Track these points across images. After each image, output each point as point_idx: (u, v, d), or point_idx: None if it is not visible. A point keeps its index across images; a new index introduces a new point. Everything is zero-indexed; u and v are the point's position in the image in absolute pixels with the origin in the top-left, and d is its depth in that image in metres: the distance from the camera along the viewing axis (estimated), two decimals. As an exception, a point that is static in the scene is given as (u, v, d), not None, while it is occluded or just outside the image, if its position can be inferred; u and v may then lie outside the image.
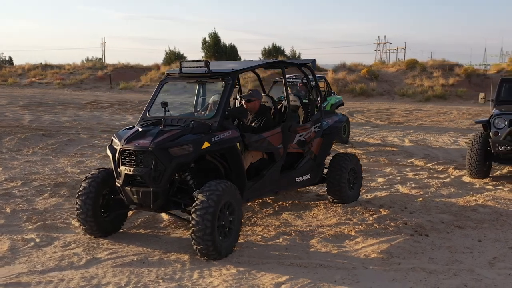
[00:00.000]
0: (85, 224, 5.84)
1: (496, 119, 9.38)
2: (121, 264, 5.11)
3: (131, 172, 5.45)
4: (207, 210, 5.06)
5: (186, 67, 6.22)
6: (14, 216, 6.77)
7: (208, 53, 40.57)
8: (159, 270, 4.98)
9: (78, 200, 5.82)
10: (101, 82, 36.28)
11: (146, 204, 5.54)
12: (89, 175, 5.96)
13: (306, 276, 4.86)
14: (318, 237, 6.03)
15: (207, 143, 5.45)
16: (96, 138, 14.36)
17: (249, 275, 4.88)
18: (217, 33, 40.87)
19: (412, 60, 33.28)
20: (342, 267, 5.11)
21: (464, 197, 8.14)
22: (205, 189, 5.21)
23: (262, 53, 45.57)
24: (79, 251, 5.50)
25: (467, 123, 19.77)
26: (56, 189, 8.28)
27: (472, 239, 6.04)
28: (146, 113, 6.30)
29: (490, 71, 32.95)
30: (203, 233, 5.05)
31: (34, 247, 5.65)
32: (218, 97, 6.88)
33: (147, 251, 5.52)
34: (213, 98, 6.94)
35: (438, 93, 28.31)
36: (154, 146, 5.32)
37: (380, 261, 5.28)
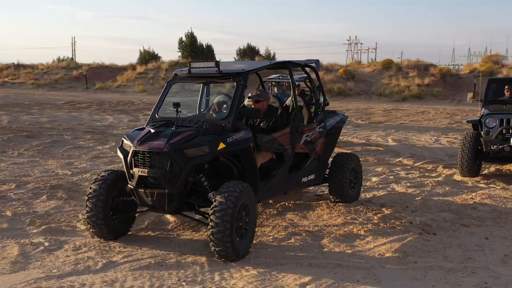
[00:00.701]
0: (95, 227, 5.75)
1: (487, 118, 9.55)
2: (139, 268, 5.05)
3: (145, 173, 5.38)
4: (226, 211, 5.03)
5: (195, 67, 6.15)
6: (16, 220, 6.62)
7: (185, 52, 40.40)
8: (179, 273, 4.93)
9: (88, 202, 5.73)
10: (76, 82, 35.78)
11: (160, 206, 5.48)
12: (99, 177, 5.86)
13: (327, 276, 4.88)
14: (328, 237, 6.06)
15: (222, 144, 5.42)
16: (80, 139, 14.15)
17: (270, 276, 4.87)
18: (193, 33, 40.80)
19: (388, 60, 33.72)
20: (360, 266, 5.15)
21: (460, 196, 8.27)
22: (223, 190, 5.18)
23: (237, 53, 45.67)
24: (93, 255, 5.41)
25: (446, 122, 20.11)
26: (52, 191, 8.13)
27: (479, 237, 6.15)
28: (155, 114, 6.23)
29: (462, 71, 33.56)
30: (223, 234, 5.02)
31: (45, 251, 5.53)
32: (222, 98, 6.86)
33: (162, 253, 5.46)
34: (218, 99, 6.90)
35: (414, 93, 28.75)
36: (169, 148, 5.26)
37: (396, 260, 5.33)
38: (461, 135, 9.81)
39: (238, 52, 45.22)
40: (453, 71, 33.84)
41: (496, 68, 30.71)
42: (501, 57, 33.06)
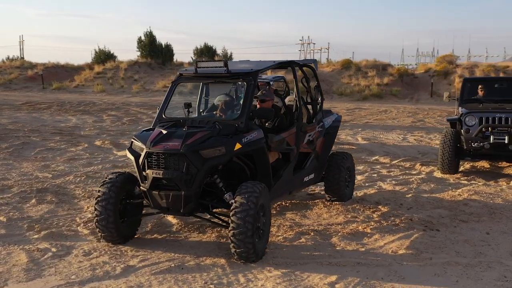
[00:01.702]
0: (104, 231, 5.59)
1: (467, 117, 9.83)
2: (160, 272, 4.94)
3: (160, 175, 5.27)
4: (248, 212, 4.99)
5: (202, 67, 6.06)
6: (13, 225, 6.38)
7: (144, 52, 39.78)
8: (202, 276, 4.86)
9: (97, 206, 5.56)
10: (32, 82, 34.73)
11: (175, 208, 5.39)
12: (107, 179, 5.71)
13: (351, 274, 4.91)
14: (336, 236, 6.10)
15: (238, 145, 5.37)
16: (50, 140, 13.77)
17: (295, 276, 4.86)
18: (152, 32, 40.20)
19: (347, 60, 34.23)
20: (378, 264, 5.20)
21: (447, 192, 8.48)
22: (243, 191, 5.14)
23: (194, 52, 45.31)
24: (107, 259, 5.26)
25: (409, 121, 20.54)
26: (40, 195, 7.87)
27: (480, 232, 6.32)
28: (161, 114, 6.11)
29: (417, 71, 34.42)
30: (245, 236, 4.98)
31: (54, 257, 5.34)
32: (224, 97, 6.81)
33: (177, 256, 5.37)
34: (219, 98, 6.84)
35: (374, 92, 29.28)
36: (186, 149, 5.18)
37: (411, 257, 5.42)
38: (440, 134, 10.04)
39: (195, 51, 44.86)
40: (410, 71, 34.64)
41: (450, 68, 31.65)
42: (454, 57, 34.11)
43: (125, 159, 11.37)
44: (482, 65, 32.69)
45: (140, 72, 37.11)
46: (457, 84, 30.12)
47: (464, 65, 32.52)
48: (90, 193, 8.08)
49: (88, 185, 8.67)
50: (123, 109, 22.83)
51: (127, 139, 14.43)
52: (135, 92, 32.33)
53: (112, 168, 10.26)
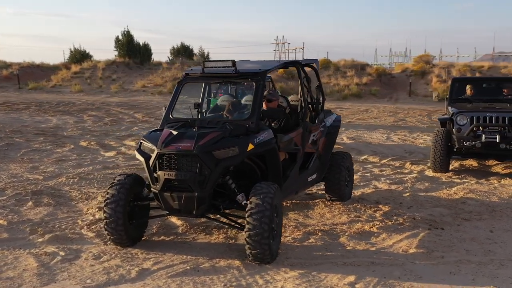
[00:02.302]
0: (114, 234, 5.50)
1: (459, 116, 9.95)
2: (176, 274, 4.88)
3: (172, 177, 5.20)
4: (264, 213, 4.96)
5: (210, 67, 5.99)
6: (14, 229, 6.23)
7: (122, 51, 39.33)
8: (219, 278, 4.81)
9: (106, 208, 5.47)
10: (6, 82, 34.03)
11: (187, 210, 5.32)
12: (115, 181, 5.61)
13: (368, 274, 4.92)
14: (344, 236, 6.11)
15: (251, 145, 5.33)
16: (34, 141, 13.55)
17: (312, 277, 4.85)
18: (129, 32, 39.75)
19: (326, 60, 34.45)
20: (392, 263, 5.23)
21: (442, 191, 8.57)
22: (258, 192, 5.10)
23: (171, 52, 45.04)
24: (119, 263, 5.17)
25: (391, 120, 20.74)
26: (36, 197, 7.72)
27: (484, 230, 6.40)
28: (169, 115, 6.03)
29: (395, 71, 34.80)
30: (261, 237, 4.94)
31: (64, 261, 5.23)
32: (228, 98, 6.77)
33: (190, 258, 5.30)
34: (223, 99, 6.80)
35: (354, 91, 29.50)
36: (199, 149, 5.12)
37: (423, 256, 5.45)
38: (423, 133, 10.15)
39: (172, 51, 44.61)
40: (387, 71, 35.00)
41: (427, 68, 32.07)
42: (431, 57, 34.57)
43: (115, 160, 11.24)
44: (458, 64, 33.23)
45: (118, 72, 36.71)
46: (434, 84, 30.60)
47: (441, 65, 32.99)
48: (86, 195, 7.95)
49: (83, 187, 8.53)
50: (103, 109, 22.55)
51: (112, 140, 14.26)
52: (113, 92, 31.95)
53: (103, 169, 10.11)
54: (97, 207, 7.16)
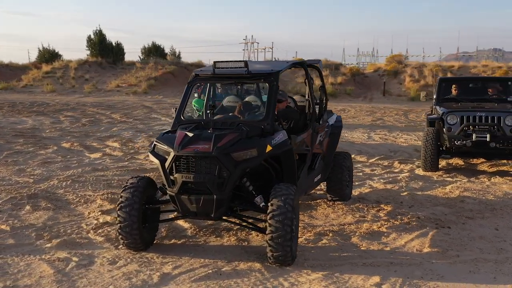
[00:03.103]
0: (128, 238, 5.38)
1: (449, 115, 10.10)
2: (200, 278, 4.80)
3: (190, 179, 5.11)
4: (286, 215, 4.92)
5: (221, 67, 5.91)
6: (19, 234, 6.04)
7: (94, 51, 38.71)
8: (244, 281, 4.75)
9: (120, 212, 5.34)
10: (-26, 82, 33.14)
11: (205, 213, 5.25)
12: (128, 184, 5.49)
13: (390, 274, 4.93)
14: (355, 236, 6.12)
15: (269, 147, 5.28)
16: (14, 143, 13.25)
17: (336, 278, 4.84)
18: (102, 31, 39.12)
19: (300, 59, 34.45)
20: (411, 263, 5.25)
21: (437, 190, 8.68)
22: (278, 193, 5.06)
23: (142, 51, 44.58)
24: (137, 267, 5.06)
25: (369, 119, 20.98)
26: (33, 201, 7.51)
27: (489, 228, 6.50)
28: (180, 116, 5.93)
29: (367, 71, 35.18)
30: (284, 239, 4.90)
31: (79, 267, 5.09)
32: (234, 99, 6.70)
33: (208, 262, 5.22)
34: (229, 100, 6.73)
35: (329, 91, 29.64)
36: (218, 151, 5.05)
37: (438, 255, 5.50)
38: (423, 132, 10.25)
39: (143, 50, 44.11)
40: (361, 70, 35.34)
41: (400, 68, 32.52)
42: (403, 57, 35.08)
43: (102, 161, 11.05)
44: (429, 64, 33.80)
45: (91, 72, 36.14)
46: (407, 84, 31.06)
47: (413, 64, 33.50)
48: (84, 198, 7.78)
49: (77, 190, 8.34)
50: (79, 110, 22.18)
51: (93, 141, 14.04)
52: (87, 92, 31.45)
53: (93, 171, 9.92)
54: (99, 211, 7.01)
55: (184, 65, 38.12)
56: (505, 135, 9.64)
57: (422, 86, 29.82)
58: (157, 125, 18.39)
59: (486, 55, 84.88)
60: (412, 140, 15.33)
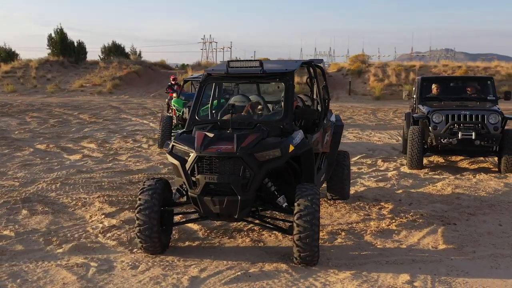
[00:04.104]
0: (147, 241, 5.24)
1: (434, 114, 10.30)
2: (230, 281, 4.72)
3: (214, 180, 5.02)
4: (314, 215, 4.90)
5: (235, 66, 5.83)
6: (26, 240, 5.81)
7: (55, 50, 37.70)
8: (275, 283, 4.69)
9: (139, 215, 5.20)
10: None
11: (228, 214, 5.17)
12: (146, 186, 5.35)
13: (416, 271, 4.96)
14: (367, 235, 6.15)
15: (292, 147, 5.25)
16: (-13, 145, 12.78)
17: (366, 277, 4.84)
18: (63, 30, 38.15)
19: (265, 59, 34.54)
20: (432, 260, 5.31)
21: (427, 187, 8.82)
22: (304, 193, 5.02)
23: (102, 51, 43.79)
24: (162, 271, 4.93)
25: (340, 118, 21.13)
26: (28, 205, 7.26)
27: (493, 224, 6.64)
28: (194, 116, 5.82)
29: (330, 70, 35.53)
30: (312, 239, 4.88)
31: (101, 272, 4.93)
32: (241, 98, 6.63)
33: (233, 264, 5.15)
34: (236, 99, 6.64)
35: (296, 90, 29.78)
36: (242, 152, 4.98)
37: (455, 251, 5.58)
38: (410, 130, 10.40)
39: (103, 50, 43.28)
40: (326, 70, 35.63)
41: (363, 67, 32.98)
42: (366, 57, 35.61)
43: (84, 163, 10.79)
44: (392, 64, 34.41)
45: (53, 71, 35.20)
46: (372, 83, 31.52)
47: (376, 64, 34.05)
48: (79, 201, 7.56)
49: (69, 193, 8.10)
50: (44, 110, 21.61)
51: (68, 142, 13.72)
52: (50, 92, 30.63)
53: (78, 173, 9.66)
54: (102, 214, 6.82)
55: (148, 64, 37.65)
56: (489, 133, 9.91)
57: (386, 85, 30.37)
58: (129, 125, 18.11)
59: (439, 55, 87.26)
60: (386, 139, 15.58)
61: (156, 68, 38.35)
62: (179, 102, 13.62)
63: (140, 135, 15.42)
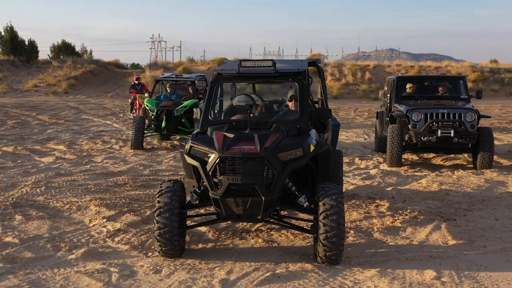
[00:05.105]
0: (167, 244, 5.12)
1: (414, 113, 10.54)
2: (262, 283, 4.67)
3: (238, 181, 4.96)
4: (340, 214, 4.91)
5: (246, 66, 5.79)
6: (33, 247, 5.57)
7: (5, 48, 36.27)
8: (306, 283, 4.67)
9: (160, 218, 5.08)
10: None
11: (251, 215, 5.12)
12: (164, 188, 5.23)
13: (438, 267, 5.04)
14: (374, 232, 6.23)
15: (312, 146, 5.25)
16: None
17: (392, 274, 4.88)
18: (13, 28, 36.75)
19: (223, 58, 34.52)
20: (448, 255, 5.42)
21: (412, 184, 9.01)
22: (328, 193, 5.03)
23: (51, 49, 42.57)
24: (188, 275, 4.83)
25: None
26: (20, 210, 6.98)
27: (490, 219, 6.83)
28: (208, 116, 5.73)
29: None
30: (338, 238, 4.89)
31: (125, 278, 4.78)
32: (245, 98, 6.60)
33: (257, 265, 5.09)
34: (240, 99, 6.61)
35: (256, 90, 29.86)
36: (266, 152, 4.94)
37: (466, 246, 5.72)
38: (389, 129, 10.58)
39: (52, 48, 42.02)
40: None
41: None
42: (323, 57, 36.06)
43: (59, 165, 10.47)
44: (347, 64, 34.97)
45: (4, 71, 33.91)
46: (329, 82, 31.92)
47: (332, 64, 34.52)
48: (72, 204, 7.32)
49: (57, 196, 7.84)
50: (0, 112, 20.80)
51: (34, 144, 13.29)
52: (2, 92, 29.50)
53: (57, 176, 9.36)
54: (102, 218, 6.62)
55: (102, 64, 36.83)
56: (466, 130, 10.22)
57: (343, 85, 30.86)
58: (92, 126, 17.68)
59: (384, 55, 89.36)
60: (353, 137, 15.84)
61: (111, 68, 37.57)
62: (152, 102, 13.40)
63: (108, 136, 15.07)
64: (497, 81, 33.68)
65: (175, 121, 13.02)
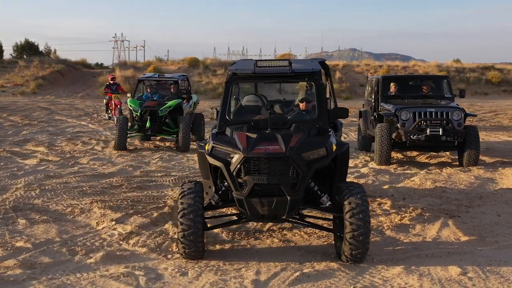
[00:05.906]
0: (191, 246, 5.06)
1: (402, 112, 10.70)
2: (294, 282, 4.66)
3: (264, 181, 4.94)
4: (366, 212, 4.95)
5: (262, 66, 5.76)
6: (48, 251, 5.42)
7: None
8: (336, 281, 4.69)
9: (183, 219, 5.01)
10: None
11: (275, 215, 5.10)
12: (186, 189, 5.16)
13: (460, 263, 5.12)
14: (385, 230, 6.30)
15: (334, 146, 5.27)
16: None
17: (417, 271, 4.94)
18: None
19: (194, 58, 34.28)
20: (464, 251, 5.52)
21: (407, 182, 9.15)
22: (353, 192, 5.06)
23: (14, 49, 41.50)
24: (217, 277, 4.78)
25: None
26: (22, 214, 6.78)
27: (493, 216, 6.98)
28: (225, 116, 5.68)
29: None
30: (365, 236, 4.92)
31: (153, 281, 4.70)
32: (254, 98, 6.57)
33: (283, 265, 5.07)
34: (248, 99, 6.57)
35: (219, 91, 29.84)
36: (291, 152, 4.94)
37: (480, 242, 5.84)
38: (378, 128, 10.70)
39: (15, 48, 40.96)
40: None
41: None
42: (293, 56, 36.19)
43: (46, 168, 10.23)
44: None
45: (-33, 71, 32.88)
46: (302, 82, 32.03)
47: (302, 63, 34.64)
48: (74, 207, 7.15)
49: (54, 199, 7.65)
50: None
51: (11, 146, 12.94)
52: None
53: (47, 178, 9.12)
54: (110, 220, 6.49)
55: (70, 63, 36.11)
56: (454, 128, 10.44)
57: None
58: (68, 127, 17.30)
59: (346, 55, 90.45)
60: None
61: (79, 67, 36.87)
62: (135, 102, 13.20)
63: (86, 137, 14.78)
64: (462, 80, 34.49)
65: (160, 121, 12.87)
